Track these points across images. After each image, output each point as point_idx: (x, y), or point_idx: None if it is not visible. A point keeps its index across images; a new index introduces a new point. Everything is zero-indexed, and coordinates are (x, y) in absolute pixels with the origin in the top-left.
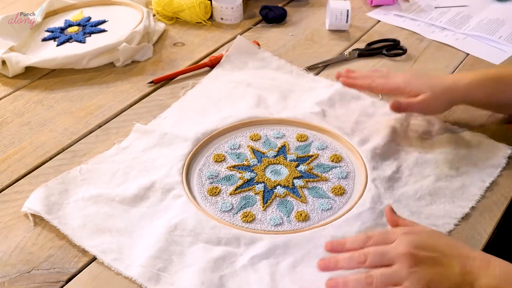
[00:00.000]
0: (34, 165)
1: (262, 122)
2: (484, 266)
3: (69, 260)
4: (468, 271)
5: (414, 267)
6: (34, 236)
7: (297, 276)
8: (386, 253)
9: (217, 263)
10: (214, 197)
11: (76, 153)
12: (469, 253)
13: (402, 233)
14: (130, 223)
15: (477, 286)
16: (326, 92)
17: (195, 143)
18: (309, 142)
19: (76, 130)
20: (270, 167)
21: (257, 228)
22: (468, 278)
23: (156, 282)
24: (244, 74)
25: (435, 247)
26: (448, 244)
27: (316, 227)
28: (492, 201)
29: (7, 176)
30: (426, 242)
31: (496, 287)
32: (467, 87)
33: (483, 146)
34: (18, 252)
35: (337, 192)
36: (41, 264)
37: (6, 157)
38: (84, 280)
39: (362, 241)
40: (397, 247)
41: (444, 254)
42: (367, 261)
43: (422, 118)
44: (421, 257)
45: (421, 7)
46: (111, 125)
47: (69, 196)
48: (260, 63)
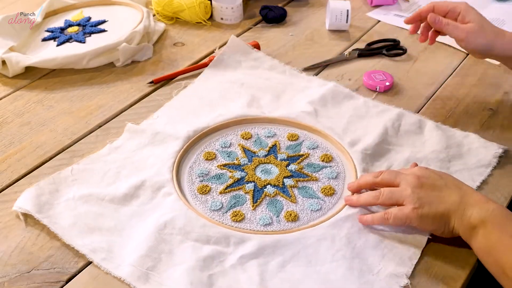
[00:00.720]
0: (34, 165)
1: (253, 121)
2: (482, 201)
3: (69, 260)
4: (464, 201)
5: (417, 189)
6: (34, 236)
7: (286, 276)
8: (398, 175)
9: (206, 262)
10: (204, 196)
11: (76, 153)
12: (470, 190)
13: (418, 167)
14: (120, 222)
15: (468, 214)
16: (318, 92)
17: (186, 141)
18: (300, 142)
19: (76, 130)
20: (260, 166)
21: (247, 228)
22: (462, 207)
23: (145, 281)
24: (238, 74)
25: (441, 178)
26: (453, 180)
27: (304, 228)
28: None
29: (7, 176)
30: (434, 173)
31: (484, 218)
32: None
33: (473, 145)
34: (18, 252)
35: (327, 192)
36: (41, 264)
37: (6, 157)
38: (84, 280)
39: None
40: (408, 172)
41: (447, 184)
42: (381, 179)
43: (413, 117)
44: (425, 182)
45: (421, 7)
46: (111, 125)
47: (60, 196)
48: (254, 63)
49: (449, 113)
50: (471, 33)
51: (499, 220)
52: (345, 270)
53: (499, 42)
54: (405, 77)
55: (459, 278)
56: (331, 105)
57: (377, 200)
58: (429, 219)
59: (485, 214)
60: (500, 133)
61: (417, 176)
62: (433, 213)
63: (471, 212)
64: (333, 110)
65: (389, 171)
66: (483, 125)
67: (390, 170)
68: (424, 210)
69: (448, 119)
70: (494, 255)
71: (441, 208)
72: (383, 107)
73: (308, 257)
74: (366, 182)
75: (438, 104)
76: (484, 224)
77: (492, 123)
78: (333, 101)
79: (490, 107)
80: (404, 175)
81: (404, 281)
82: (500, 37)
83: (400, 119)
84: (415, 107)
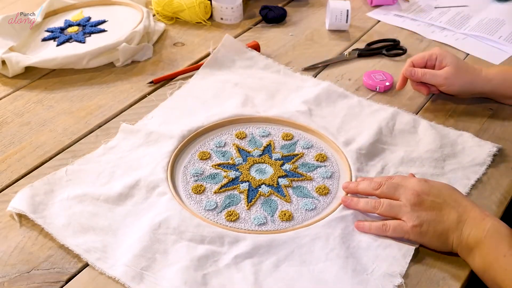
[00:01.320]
0: (34, 165)
1: (248, 120)
2: (478, 218)
3: (69, 260)
4: (463, 220)
5: (416, 207)
6: (34, 236)
7: (281, 276)
8: (398, 188)
9: (200, 262)
10: (198, 195)
11: (76, 153)
12: (469, 206)
13: (417, 180)
14: (114, 222)
15: (465, 234)
16: (313, 91)
17: (181, 140)
18: (294, 141)
19: (76, 130)
20: (255, 166)
21: (241, 227)
22: (460, 226)
23: (139, 281)
24: (232, 73)
25: (440, 194)
26: (452, 193)
27: (299, 228)
28: (492, 201)
29: (7, 176)
30: (433, 188)
31: (480, 240)
32: (488, 74)
33: (468, 144)
34: (18, 252)
35: (322, 192)
36: (41, 264)
37: (6, 157)
38: (83, 280)
39: (377, 183)
40: (408, 186)
41: (446, 201)
42: (381, 191)
43: (408, 116)
44: (424, 199)
45: (421, 7)
46: (111, 125)
47: (55, 196)
48: (248, 62)
49: (449, 113)
50: (449, 77)
51: (495, 240)
52: (339, 270)
53: (477, 80)
54: None
55: (459, 278)
56: (325, 104)
57: (375, 210)
58: (428, 237)
59: (481, 235)
60: (500, 133)
61: (416, 192)
62: (432, 232)
63: (468, 232)
64: (327, 109)
65: (389, 184)
66: (483, 125)
67: (389, 182)
68: (423, 228)
69: (448, 119)
70: (491, 274)
71: (440, 228)
72: (377, 106)
73: (302, 257)
74: (364, 191)
75: (438, 104)
76: (479, 245)
77: (492, 123)
78: (328, 100)
79: (490, 107)
80: (404, 189)
81: (398, 280)
82: (477, 74)
83: (395, 118)
84: (415, 107)
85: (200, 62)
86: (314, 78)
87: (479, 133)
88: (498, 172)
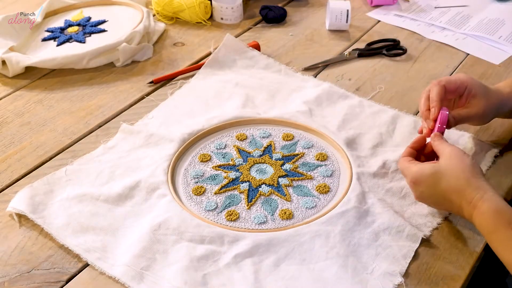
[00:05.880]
0: (34, 165)
1: (248, 122)
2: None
3: (69, 260)
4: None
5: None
6: (34, 236)
7: (281, 275)
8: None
9: (200, 262)
10: (199, 197)
11: (76, 153)
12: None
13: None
14: (114, 222)
15: (465, 210)
16: (313, 91)
17: (181, 144)
18: (295, 141)
19: (76, 130)
20: (255, 166)
21: (241, 227)
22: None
23: (139, 281)
24: (233, 73)
25: (439, 191)
26: (450, 187)
27: (299, 225)
28: None
29: (7, 176)
30: (430, 189)
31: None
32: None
33: (468, 145)
34: (18, 252)
35: (322, 190)
36: (41, 264)
37: (6, 157)
38: (84, 280)
39: None
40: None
41: (444, 197)
42: None
43: (408, 117)
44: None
45: (421, 7)
46: (111, 125)
47: (54, 196)
48: (249, 62)
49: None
50: (484, 115)
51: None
52: (339, 268)
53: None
54: (405, 77)
55: (459, 278)
56: (326, 104)
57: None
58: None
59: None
60: (500, 133)
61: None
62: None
63: (468, 213)
64: (328, 109)
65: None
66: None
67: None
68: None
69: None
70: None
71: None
72: (378, 107)
73: (302, 255)
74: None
75: None
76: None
77: (492, 123)
78: (328, 101)
79: None
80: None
81: (398, 280)
82: (499, 94)
83: (395, 119)
84: (415, 107)
85: (200, 62)
86: (315, 78)
87: (479, 133)
88: (498, 173)
